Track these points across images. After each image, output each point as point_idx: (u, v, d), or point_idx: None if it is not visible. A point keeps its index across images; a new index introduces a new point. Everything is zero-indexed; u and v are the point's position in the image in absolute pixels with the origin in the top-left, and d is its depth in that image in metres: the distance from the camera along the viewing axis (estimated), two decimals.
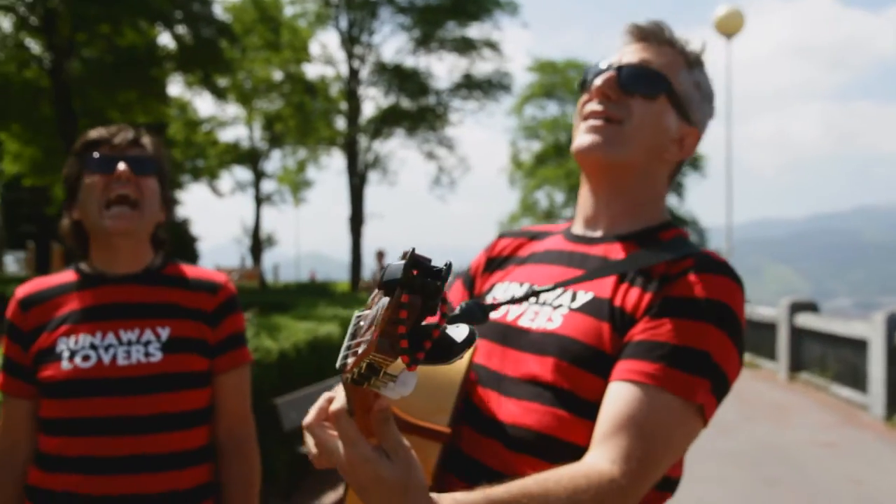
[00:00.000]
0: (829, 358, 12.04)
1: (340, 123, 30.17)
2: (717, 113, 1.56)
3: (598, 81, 1.47)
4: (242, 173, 37.90)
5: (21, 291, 2.05)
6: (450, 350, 0.91)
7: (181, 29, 18.27)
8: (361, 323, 0.94)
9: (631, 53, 1.49)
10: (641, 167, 1.47)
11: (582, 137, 1.47)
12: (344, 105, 29.83)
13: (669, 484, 1.38)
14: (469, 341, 0.92)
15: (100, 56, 18.58)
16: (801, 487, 6.84)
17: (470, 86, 29.80)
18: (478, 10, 27.84)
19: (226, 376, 2.06)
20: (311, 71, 31.82)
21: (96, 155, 1.99)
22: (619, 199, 1.49)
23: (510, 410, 1.36)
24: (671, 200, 32.22)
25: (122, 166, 1.96)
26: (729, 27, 15.78)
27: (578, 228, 1.54)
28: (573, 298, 1.41)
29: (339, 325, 7.71)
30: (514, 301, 1.47)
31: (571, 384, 1.32)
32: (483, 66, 29.95)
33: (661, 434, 1.23)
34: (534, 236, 1.64)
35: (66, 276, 2.07)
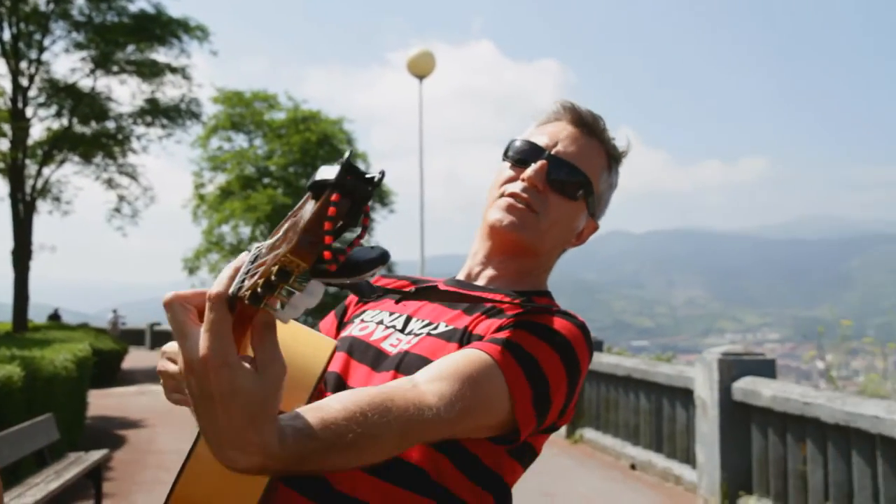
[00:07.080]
0: None
1: (3, 145, 27.06)
2: (410, 151, 1.62)
3: (530, 170, 1.49)
4: None
5: None
6: (358, 266, 0.87)
7: None
8: (263, 249, 0.88)
9: (566, 142, 1.52)
10: (542, 253, 1.54)
11: (501, 214, 1.49)
12: (7, 126, 26.79)
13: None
14: (382, 260, 0.88)
15: None
16: None
17: (155, 112, 28.17)
18: (163, 33, 26.52)
19: None
20: None
21: None
22: (510, 265, 1.54)
23: None
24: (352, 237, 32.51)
25: None
26: (420, 68, 16.51)
27: (462, 276, 1.58)
28: (435, 328, 1.43)
29: (21, 367, 6.84)
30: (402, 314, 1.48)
31: None
32: (171, 92, 28.38)
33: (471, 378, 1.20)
34: (414, 282, 1.61)
35: None
